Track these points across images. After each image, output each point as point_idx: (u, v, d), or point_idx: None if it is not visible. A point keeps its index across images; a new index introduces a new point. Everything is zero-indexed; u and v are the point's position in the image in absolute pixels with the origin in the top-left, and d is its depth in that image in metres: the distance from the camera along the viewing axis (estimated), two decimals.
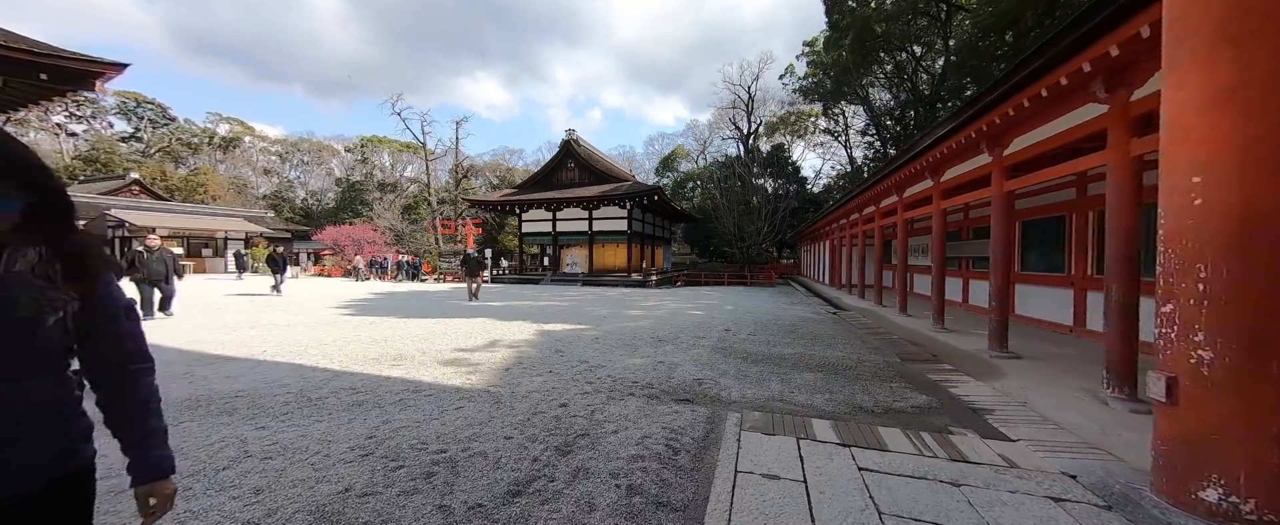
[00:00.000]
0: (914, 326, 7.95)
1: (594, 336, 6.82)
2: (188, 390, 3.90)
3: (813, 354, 5.73)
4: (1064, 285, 7.19)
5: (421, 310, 10.03)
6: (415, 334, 6.81)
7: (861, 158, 37.48)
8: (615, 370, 4.77)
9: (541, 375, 4.53)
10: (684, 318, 9.28)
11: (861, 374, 4.74)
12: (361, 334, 6.70)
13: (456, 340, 6.36)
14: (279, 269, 13.68)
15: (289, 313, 9.23)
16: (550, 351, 5.69)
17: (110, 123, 51.41)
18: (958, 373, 4.86)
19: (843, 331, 7.70)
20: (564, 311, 10.14)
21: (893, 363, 5.33)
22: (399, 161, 55.49)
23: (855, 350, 6.03)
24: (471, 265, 13.28)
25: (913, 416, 3.49)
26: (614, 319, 8.94)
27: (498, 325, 7.86)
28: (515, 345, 6.07)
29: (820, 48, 35.69)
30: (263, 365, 4.83)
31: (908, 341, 6.72)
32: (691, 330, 7.57)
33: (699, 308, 11.43)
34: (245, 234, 26.27)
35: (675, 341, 6.50)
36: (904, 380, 4.51)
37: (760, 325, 8.30)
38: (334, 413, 3.39)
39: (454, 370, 4.67)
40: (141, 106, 52.13)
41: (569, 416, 3.37)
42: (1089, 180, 6.73)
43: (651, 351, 5.76)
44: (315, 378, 4.33)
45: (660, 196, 20.98)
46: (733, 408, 3.63)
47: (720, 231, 30.91)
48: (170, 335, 6.41)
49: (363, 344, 5.99)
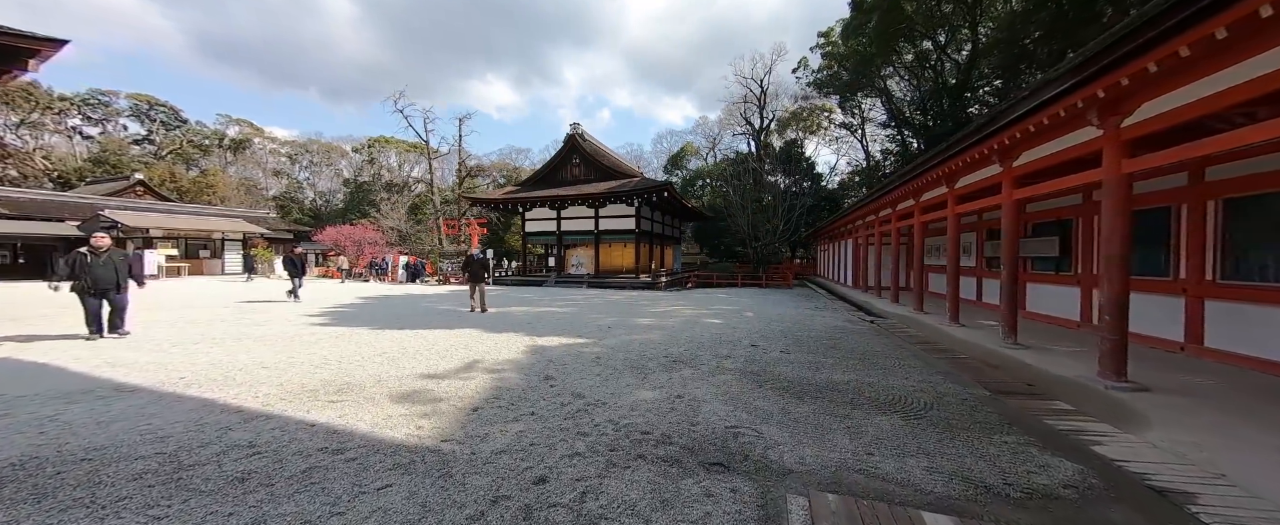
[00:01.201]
0: (974, 339, 6.65)
1: (595, 355, 5.65)
2: (24, 446, 2.81)
3: (872, 383, 4.50)
4: (1172, 292, 5.84)
5: (404, 319, 8.95)
6: (382, 352, 5.70)
7: (878, 152, 35.96)
8: (619, 411, 3.59)
9: (520, 420, 3.37)
10: (700, 328, 8.07)
11: (953, 418, 3.50)
12: (317, 353, 5.60)
13: (427, 361, 5.23)
14: (298, 272, 12.51)
15: (259, 322, 8.21)
16: (538, 378, 4.53)
17: (124, 126, 51.78)
18: (1082, 415, 3.60)
19: (892, 347, 6.43)
20: (564, 320, 8.99)
21: (982, 397, 4.08)
22: (406, 162, 55.10)
23: (923, 376, 4.78)
24: (474, 268, 10.47)
25: (1076, 508, 2.26)
26: (620, 330, 7.77)
27: (483, 339, 6.73)
28: (497, 368, 4.92)
29: (836, 38, 34.22)
30: (163, 400, 3.73)
31: (982, 363, 5.44)
32: (711, 345, 6.36)
33: (716, 314, 10.20)
34: (243, 234, 25.58)
35: (694, 362, 5.31)
36: (1019, 430, 3.26)
37: (792, 338, 7.06)
38: (196, 496, 2.26)
39: (406, 411, 3.53)
40: (154, 109, 52.44)
41: (546, 505, 2.20)
42: (1212, 162, 5.38)
43: (666, 379, 4.57)
44: (213, 425, 3.21)
45: (670, 193, 19.75)
46: (791, 483, 2.43)
47: (733, 230, 29.59)
48: (87, 353, 5.38)
49: (310, 367, 4.88)
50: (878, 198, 11.93)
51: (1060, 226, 8.31)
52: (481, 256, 11.68)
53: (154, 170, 43.09)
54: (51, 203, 23.89)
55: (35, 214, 22.07)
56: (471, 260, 10.99)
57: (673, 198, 20.53)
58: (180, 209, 25.87)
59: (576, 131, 23.26)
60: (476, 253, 12.31)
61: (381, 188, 49.25)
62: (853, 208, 15.98)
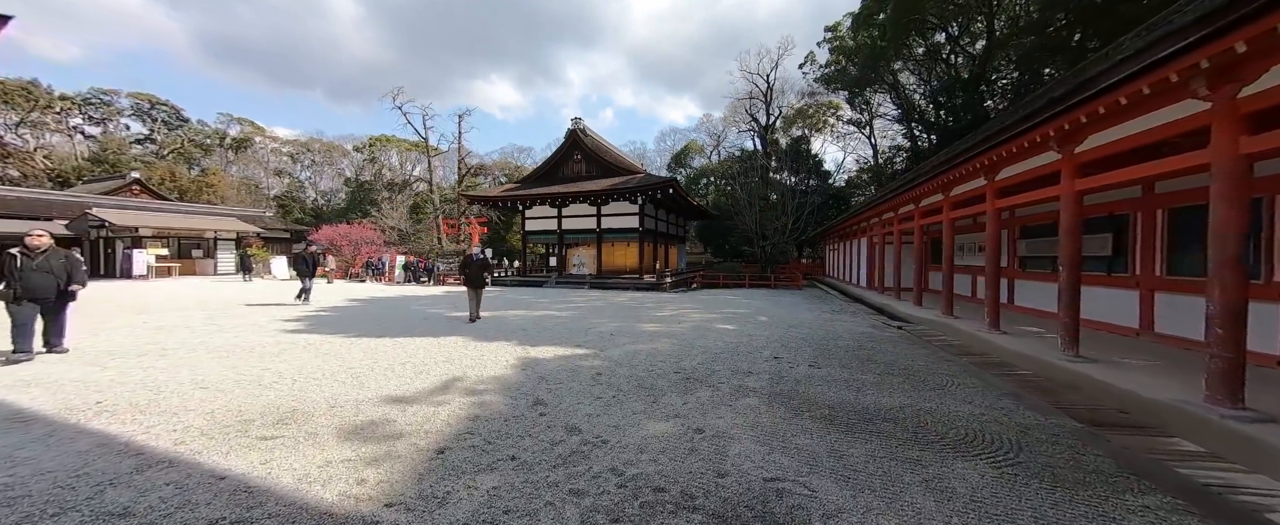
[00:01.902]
0: (1025, 350, 5.82)
1: (596, 371, 4.87)
2: None
3: (930, 410, 3.70)
4: (1269, 297, 5.01)
5: (387, 325, 8.20)
6: (348, 367, 4.94)
7: (886, 149, 35.08)
8: (624, 453, 2.82)
9: (495, 469, 2.60)
10: (713, 336, 7.29)
11: (1055, 465, 2.71)
12: (272, 368, 4.85)
13: (398, 379, 4.47)
14: (310, 272, 11.63)
15: (227, 328, 7.48)
16: (526, 403, 3.76)
17: (126, 125, 51.47)
18: (1221, 462, 2.81)
19: (934, 359, 5.63)
20: (563, 326, 8.22)
21: (1075, 430, 3.29)
22: (408, 160, 54.59)
23: (987, 399, 3.99)
24: (473, 272, 8.84)
25: None
26: (624, 337, 6.99)
27: (469, 349, 5.97)
28: (478, 389, 4.15)
29: (844, 32, 33.37)
30: (54, 436, 2.99)
31: (1048, 380, 4.64)
32: (728, 357, 5.58)
33: (727, 319, 9.42)
34: (237, 234, 24.94)
35: (711, 380, 4.53)
36: (1154, 486, 2.47)
37: (817, 348, 6.27)
38: None
39: (351, 454, 2.77)
40: (156, 108, 52.14)
41: None
42: None
43: (680, 404, 3.80)
44: (96, 475, 2.46)
45: (675, 189, 18.93)
46: None
47: (739, 229, 28.76)
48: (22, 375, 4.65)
49: (258, 386, 4.13)
50: (898, 194, 11.10)
51: (1113, 223, 7.49)
52: (482, 256, 9.58)
53: (154, 169, 42.68)
54: (40, 202, 23.34)
55: (23, 213, 21.51)
56: (470, 261, 9.17)
57: (678, 195, 19.73)
58: (172, 207, 25.25)
59: (578, 126, 22.50)
60: (476, 252, 10.10)
61: (383, 187, 48.74)
62: (868, 205, 15.14)
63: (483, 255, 10.17)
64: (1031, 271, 9.64)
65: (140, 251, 19.84)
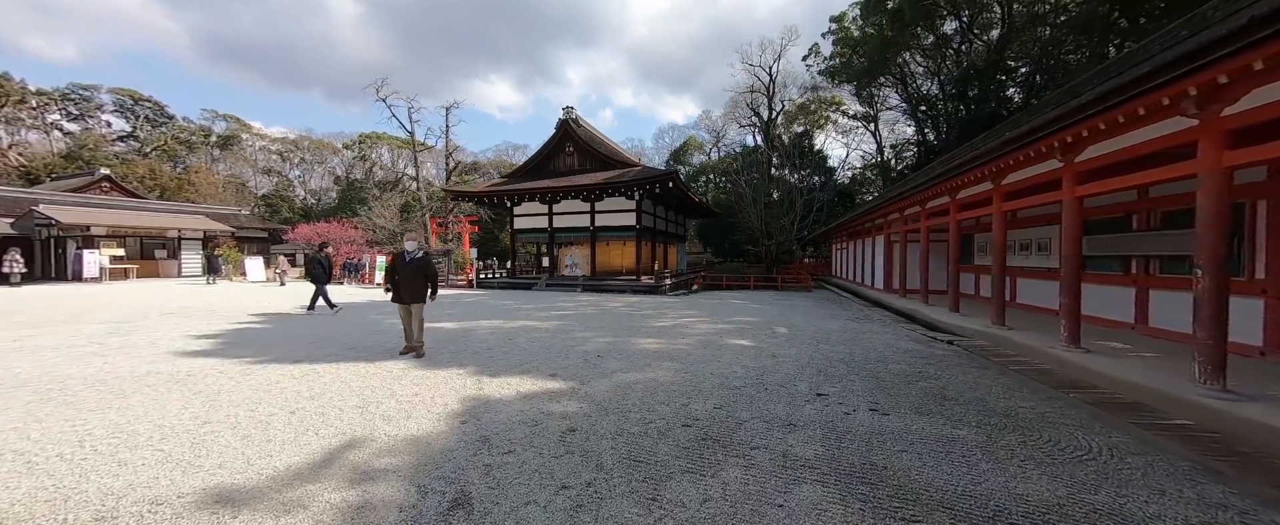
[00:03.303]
0: (1145, 381, 4.33)
1: (567, 427, 3.35)
2: None
3: (1099, 506, 2.22)
4: None
5: (313, 345, 6.65)
6: (204, 420, 3.42)
7: (893, 144, 33.73)
8: None
9: None
10: (727, 357, 5.79)
11: None
12: (88, 421, 3.32)
13: (259, 447, 2.95)
14: (324, 277, 10.03)
15: (111, 349, 5.95)
16: (436, 513, 2.25)
17: (108, 122, 49.57)
18: None
19: (1036, 398, 4.15)
20: (540, 343, 6.71)
21: None
22: (400, 158, 52.92)
23: (1172, 480, 2.51)
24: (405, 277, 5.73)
25: None
26: (614, 361, 5.49)
27: (402, 383, 4.44)
28: (371, 473, 2.62)
29: (849, 23, 32.01)
30: None
31: (1226, 433, 3.16)
32: (754, 394, 4.09)
33: (740, 331, 7.92)
34: (203, 233, 23.27)
35: (738, 444, 3.03)
36: None
37: (869, 377, 4.77)
38: None
39: None
40: (139, 105, 50.29)
41: None
42: None
43: (696, 499, 2.30)
44: None
45: (676, 183, 17.42)
46: None
47: (742, 227, 27.30)
48: None
49: (21, 466, 2.62)
50: (927, 186, 9.63)
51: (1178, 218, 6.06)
52: (419, 256, 5.96)
53: (134, 166, 40.94)
54: None
55: None
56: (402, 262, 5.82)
57: (679, 189, 18.22)
58: (130, 205, 23.50)
59: (569, 116, 20.95)
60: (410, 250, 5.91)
61: (374, 186, 47.09)
62: (888, 199, 13.68)
63: (421, 254, 6.06)
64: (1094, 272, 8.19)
65: (91, 252, 18.20)
